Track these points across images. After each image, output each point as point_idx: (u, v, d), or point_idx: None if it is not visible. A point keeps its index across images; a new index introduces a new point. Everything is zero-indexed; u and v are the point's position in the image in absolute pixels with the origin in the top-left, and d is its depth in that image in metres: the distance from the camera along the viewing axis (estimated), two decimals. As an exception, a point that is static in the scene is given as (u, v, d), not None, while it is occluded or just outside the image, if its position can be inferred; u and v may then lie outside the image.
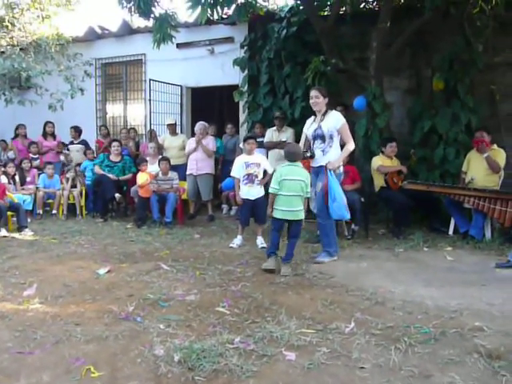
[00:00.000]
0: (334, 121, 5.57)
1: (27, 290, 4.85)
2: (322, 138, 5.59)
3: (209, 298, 4.45)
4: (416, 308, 4.05)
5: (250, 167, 6.47)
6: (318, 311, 4.02)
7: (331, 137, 5.55)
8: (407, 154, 7.61)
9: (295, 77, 8.48)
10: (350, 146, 5.61)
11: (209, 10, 6.98)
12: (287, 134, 8.18)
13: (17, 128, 10.46)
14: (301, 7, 8.54)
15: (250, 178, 6.46)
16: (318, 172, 5.66)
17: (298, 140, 8.16)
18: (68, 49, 10.73)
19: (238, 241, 6.60)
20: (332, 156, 5.54)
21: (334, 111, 5.70)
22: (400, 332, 3.52)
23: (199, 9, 6.94)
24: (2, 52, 10.05)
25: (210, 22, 8.65)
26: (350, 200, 5.92)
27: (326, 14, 8.84)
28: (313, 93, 5.68)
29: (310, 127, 5.80)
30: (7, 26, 10.39)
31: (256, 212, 6.54)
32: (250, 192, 6.46)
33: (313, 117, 5.85)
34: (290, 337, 3.46)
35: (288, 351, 3.23)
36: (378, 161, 7.20)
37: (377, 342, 3.36)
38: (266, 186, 6.15)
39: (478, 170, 6.82)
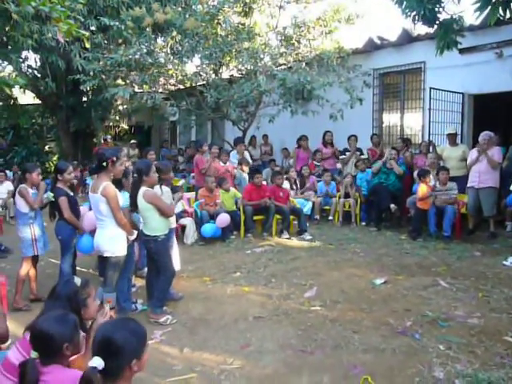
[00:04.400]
0: None
1: (308, 291, 5.15)
2: None
3: (494, 324, 4.10)
4: None
5: None
6: None
7: None
8: None
9: None
10: None
11: (500, 8, 6.44)
12: None
13: (300, 139, 11.25)
14: None
15: None
16: None
17: None
18: (348, 61, 11.14)
19: None
20: None
21: None
22: None
23: (488, 9, 6.46)
24: (290, 67, 10.89)
25: (499, 23, 7.97)
26: None
27: None
28: None
29: None
30: (293, 44, 11.25)
31: None
32: None
33: None
34: None
35: None
36: None
37: None
38: None
39: None
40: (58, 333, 2.22)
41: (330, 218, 9.35)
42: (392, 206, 8.52)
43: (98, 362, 1.92)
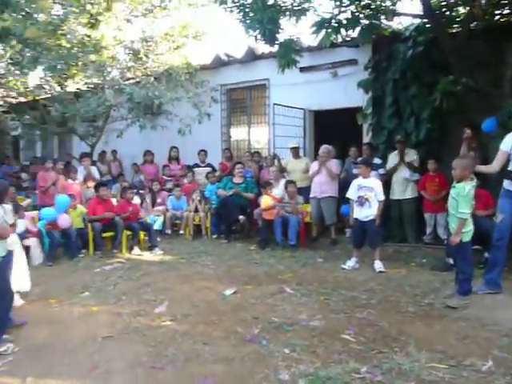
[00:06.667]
0: None
1: (158, 307, 5.10)
2: None
3: (333, 325, 4.38)
4: None
5: (362, 190, 6.63)
6: (450, 345, 3.80)
7: None
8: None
9: (422, 98, 8.17)
10: None
11: (333, 33, 6.99)
12: (412, 157, 7.93)
13: (144, 154, 11.21)
14: (427, 25, 8.24)
15: (360, 201, 6.62)
16: None
17: (423, 162, 7.91)
18: (196, 76, 11.30)
19: (350, 262, 6.66)
20: None
21: None
22: (545, 374, 3.21)
23: (323, 32, 6.98)
24: (138, 82, 10.78)
25: (333, 45, 8.61)
26: (482, 227, 5.58)
27: (455, 30, 8.44)
28: None
29: None
30: (142, 58, 11.16)
31: (367, 234, 6.63)
32: (361, 213, 6.61)
33: None
34: (420, 371, 3.31)
35: (418, 386, 3.08)
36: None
37: (519, 383, 3.10)
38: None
39: None
40: None
41: (181, 232, 9.38)
42: (241, 217, 8.78)
43: None
